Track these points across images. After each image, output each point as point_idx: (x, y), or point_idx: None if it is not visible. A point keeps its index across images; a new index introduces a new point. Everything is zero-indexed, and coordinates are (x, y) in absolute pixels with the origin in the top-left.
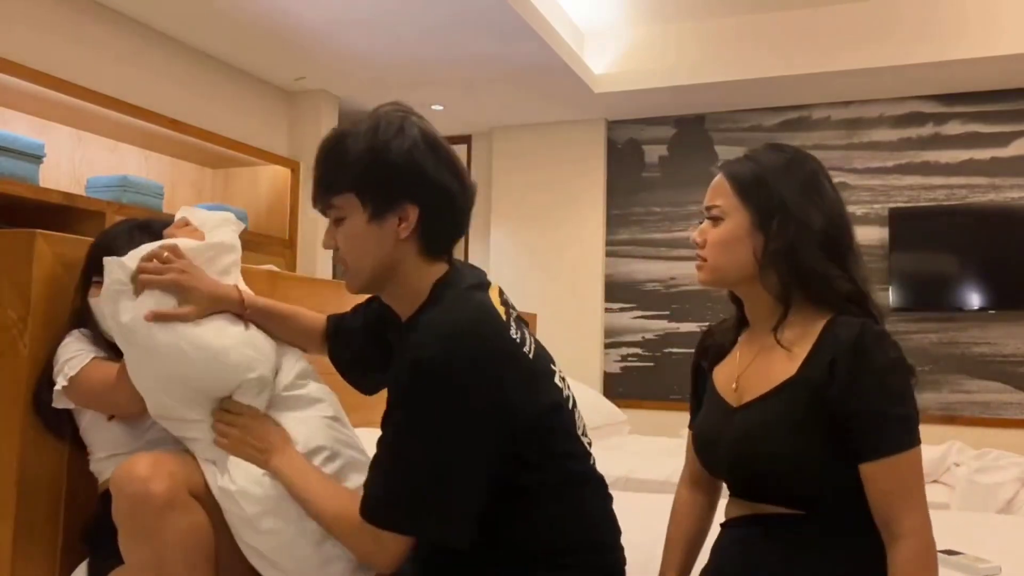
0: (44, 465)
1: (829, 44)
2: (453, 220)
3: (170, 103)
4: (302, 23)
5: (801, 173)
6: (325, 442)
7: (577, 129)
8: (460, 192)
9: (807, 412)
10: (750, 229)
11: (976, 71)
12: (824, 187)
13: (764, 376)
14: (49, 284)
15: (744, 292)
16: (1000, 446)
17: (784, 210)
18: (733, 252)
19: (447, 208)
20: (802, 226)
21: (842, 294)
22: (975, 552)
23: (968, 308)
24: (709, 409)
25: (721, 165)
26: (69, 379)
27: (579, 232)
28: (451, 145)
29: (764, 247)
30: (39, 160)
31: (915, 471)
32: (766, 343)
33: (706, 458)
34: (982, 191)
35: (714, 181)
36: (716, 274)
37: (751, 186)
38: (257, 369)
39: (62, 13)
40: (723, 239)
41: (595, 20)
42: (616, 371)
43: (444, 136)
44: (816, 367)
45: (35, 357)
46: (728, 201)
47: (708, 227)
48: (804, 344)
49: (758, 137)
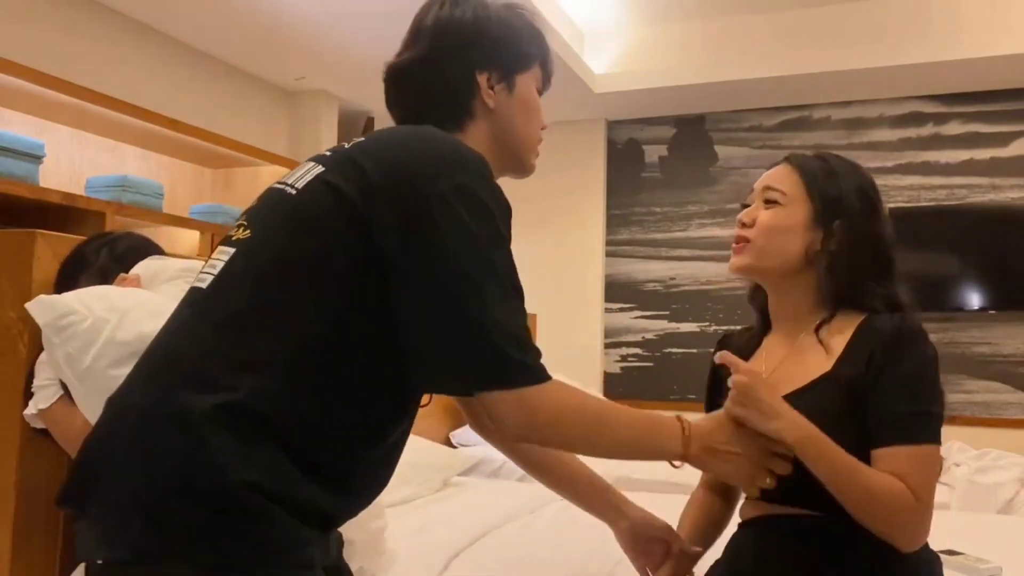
0: (44, 466)
1: (829, 44)
2: None
3: (170, 103)
4: (302, 23)
5: (866, 183)
6: None
7: (577, 129)
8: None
9: (843, 408)
10: (808, 222)
11: (976, 71)
12: (880, 201)
13: (796, 373)
14: (49, 284)
15: (777, 286)
16: (1000, 446)
17: (850, 214)
18: (784, 240)
19: None
20: (867, 234)
21: (891, 303)
22: (975, 552)
23: (968, 308)
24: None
25: (787, 158)
26: (39, 410)
27: (579, 232)
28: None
29: (822, 244)
30: (39, 160)
31: (933, 464)
32: (796, 343)
33: None
34: (982, 191)
35: (776, 168)
36: (759, 259)
37: (821, 180)
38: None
39: (62, 12)
40: (777, 224)
41: (595, 20)
42: (616, 371)
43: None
44: (853, 363)
45: (35, 357)
46: (793, 189)
47: (760, 208)
48: (839, 341)
49: (758, 137)
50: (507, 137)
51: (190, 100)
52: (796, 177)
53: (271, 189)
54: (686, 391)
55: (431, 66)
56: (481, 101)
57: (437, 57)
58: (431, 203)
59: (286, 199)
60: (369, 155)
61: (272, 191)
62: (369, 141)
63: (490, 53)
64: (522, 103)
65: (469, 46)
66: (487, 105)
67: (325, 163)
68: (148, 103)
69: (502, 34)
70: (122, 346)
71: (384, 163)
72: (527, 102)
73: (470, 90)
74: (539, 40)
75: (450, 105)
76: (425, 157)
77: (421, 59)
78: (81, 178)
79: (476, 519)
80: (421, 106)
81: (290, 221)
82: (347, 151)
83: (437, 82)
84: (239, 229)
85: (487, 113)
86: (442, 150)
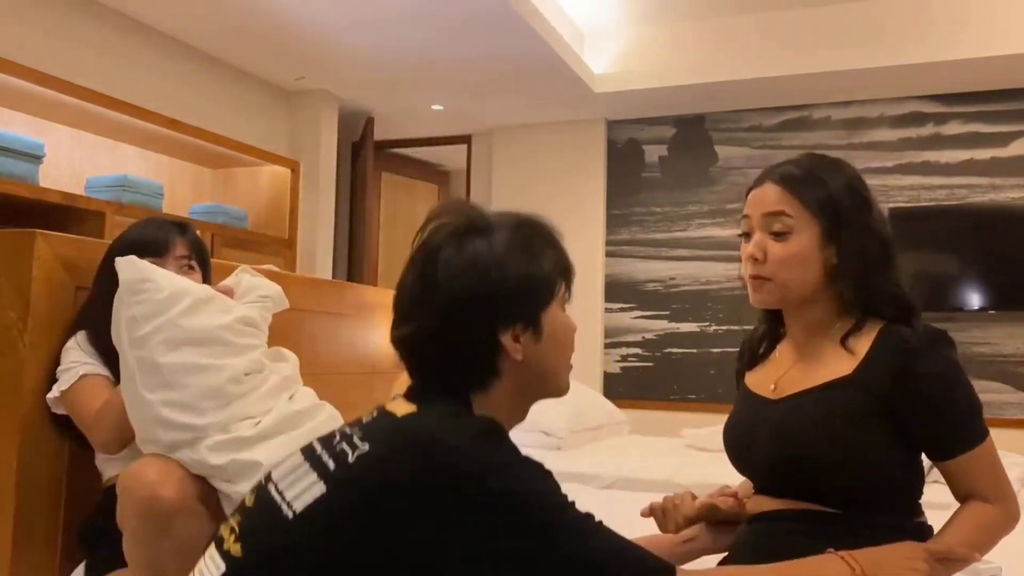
0: (44, 465)
1: (829, 44)
2: None
3: (170, 103)
4: (302, 23)
5: (851, 180)
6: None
7: (577, 129)
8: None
9: (868, 409)
10: (820, 242)
11: (976, 71)
12: (868, 190)
13: (812, 373)
14: (49, 284)
15: (800, 307)
16: (1000, 446)
17: (851, 220)
18: (803, 269)
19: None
20: (869, 234)
21: (903, 303)
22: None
23: (968, 308)
24: (742, 407)
25: (769, 174)
26: (61, 392)
27: (579, 232)
28: (457, 144)
29: (838, 259)
30: (39, 160)
31: (993, 456)
32: (814, 349)
33: (739, 453)
34: (982, 191)
35: (767, 190)
36: (782, 293)
37: (819, 198)
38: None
39: (62, 13)
40: (794, 255)
41: (595, 20)
42: (616, 371)
43: (443, 136)
44: (877, 371)
45: (35, 357)
46: (797, 214)
47: (768, 241)
48: (862, 344)
49: (758, 137)
50: (539, 380)
51: (190, 100)
52: (791, 198)
53: (264, 493)
54: (686, 391)
55: (446, 341)
56: (507, 357)
57: (451, 331)
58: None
59: (281, 524)
60: (375, 471)
61: (265, 498)
62: (373, 447)
63: (511, 307)
64: (552, 339)
65: (485, 308)
66: (514, 359)
67: (324, 475)
68: (148, 103)
69: (521, 277)
70: (182, 330)
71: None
72: (557, 334)
73: (493, 352)
74: (560, 259)
75: (473, 374)
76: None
77: (432, 336)
78: (81, 178)
79: None
80: (438, 380)
81: (289, 554)
82: (352, 466)
83: (455, 356)
84: (230, 536)
85: (515, 366)
86: (462, 466)
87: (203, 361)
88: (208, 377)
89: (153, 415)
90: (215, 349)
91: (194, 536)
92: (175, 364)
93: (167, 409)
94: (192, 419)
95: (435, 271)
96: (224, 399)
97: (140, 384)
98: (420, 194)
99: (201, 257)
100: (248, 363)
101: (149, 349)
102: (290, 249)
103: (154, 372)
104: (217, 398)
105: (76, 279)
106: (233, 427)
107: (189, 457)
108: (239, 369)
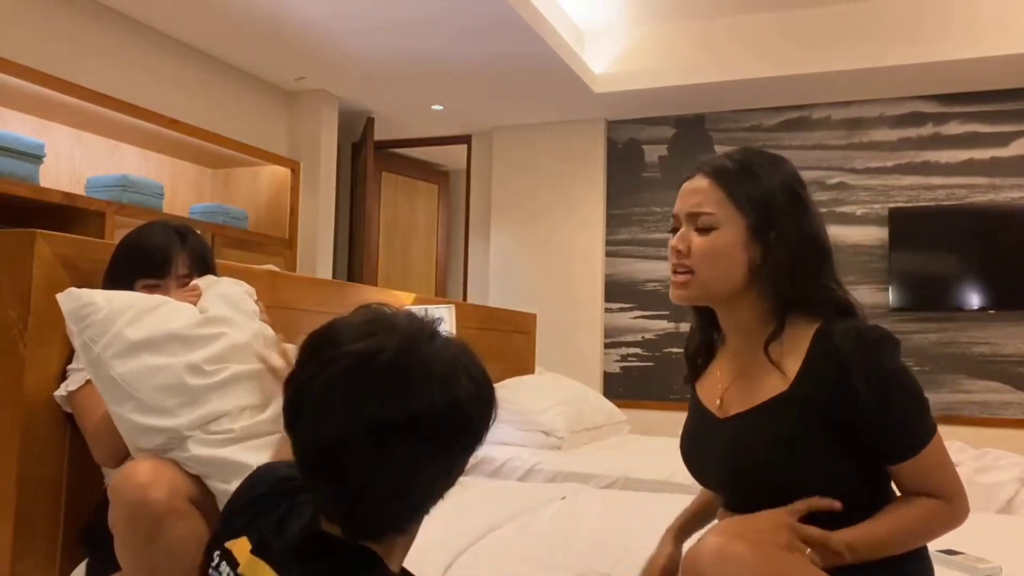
0: (44, 465)
1: (829, 44)
2: None
3: (170, 103)
4: (302, 23)
5: (788, 178)
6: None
7: (577, 129)
8: None
9: (795, 432)
10: (745, 239)
11: (976, 71)
12: (806, 190)
13: (752, 390)
14: (49, 284)
15: (725, 306)
16: (1000, 446)
17: (783, 219)
18: (726, 264)
19: None
20: (801, 235)
21: (839, 304)
22: (975, 552)
23: (968, 308)
24: (694, 418)
25: (701, 167)
26: (68, 392)
27: (579, 232)
28: (457, 144)
29: (763, 258)
30: (39, 160)
31: (941, 455)
32: (751, 358)
33: (697, 471)
34: (982, 191)
35: (696, 183)
36: (704, 289)
37: (745, 188)
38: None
39: (62, 13)
40: (716, 249)
41: (595, 20)
42: (616, 371)
43: (443, 136)
44: (812, 383)
45: (35, 357)
46: (722, 209)
47: (692, 234)
48: (794, 356)
49: (758, 137)
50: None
51: (190, 100)
52: (720, 193)
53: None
54: (686, 391)
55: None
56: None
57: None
58: None
59: None
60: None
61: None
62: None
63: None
64: None
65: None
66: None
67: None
68: (148, 103)
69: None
70: (129, 340)
71: None
72: None
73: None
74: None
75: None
76: None
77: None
78: (81, 178)
79: (476, 519)
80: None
81: None
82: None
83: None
84: None
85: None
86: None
87: (158, 362)
88: (164, 376)
89: (129, 426)
90: (171, 347)
91: (185, 538)
92: (130, 372)
93: (137, 416)
94: (164, 421)
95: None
96: (188, 394)
97: (109, 401)
98: (420, 194)
99: (204, 263)
100: (211, 353)
101: (104, 366)
102: (290, 249)
103: (114, 386)
104: (181, 394)
105: (76, 279)
106: (216, 424)
107: (179, 456)
108: (197, 360)
